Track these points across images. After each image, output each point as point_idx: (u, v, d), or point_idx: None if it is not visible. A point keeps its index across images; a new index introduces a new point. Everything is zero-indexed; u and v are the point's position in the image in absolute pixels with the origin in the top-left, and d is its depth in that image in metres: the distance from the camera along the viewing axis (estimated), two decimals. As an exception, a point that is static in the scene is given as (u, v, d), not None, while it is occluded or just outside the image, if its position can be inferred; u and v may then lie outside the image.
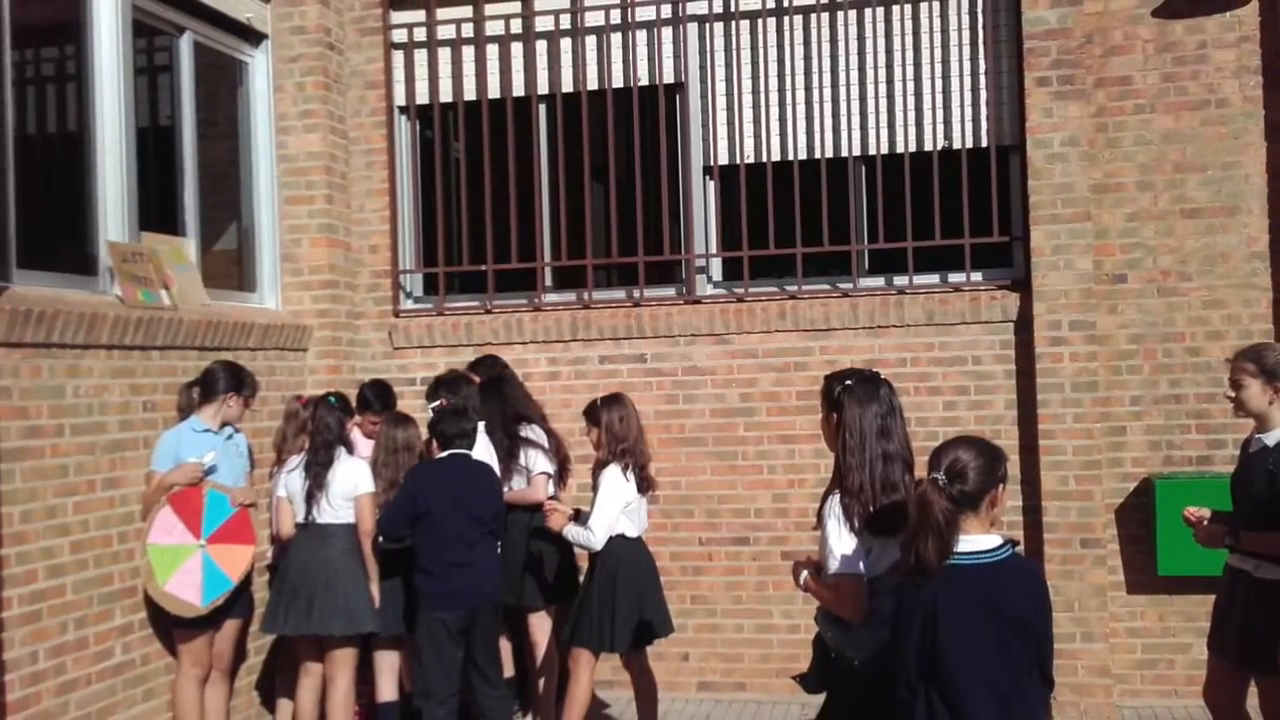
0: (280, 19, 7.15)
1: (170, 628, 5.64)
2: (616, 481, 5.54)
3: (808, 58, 7.12)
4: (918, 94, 7.01)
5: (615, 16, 7.32)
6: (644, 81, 7.33)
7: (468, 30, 7.52)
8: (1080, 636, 6.47)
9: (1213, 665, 4.76)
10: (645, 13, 7.30)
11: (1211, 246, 6.65)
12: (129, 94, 5.89)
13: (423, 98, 7.60)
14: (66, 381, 5.20)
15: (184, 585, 5.49)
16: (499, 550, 5.77)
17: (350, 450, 5.97)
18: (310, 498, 5.76)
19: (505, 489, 5.97)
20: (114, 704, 5.42)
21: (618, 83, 7.33)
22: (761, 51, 7.16)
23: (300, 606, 5.71)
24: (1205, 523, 4.61)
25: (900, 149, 7.01)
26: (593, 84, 7.38)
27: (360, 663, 5.94)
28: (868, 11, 7.04)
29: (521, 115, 7.48)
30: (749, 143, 7.20)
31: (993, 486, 3.25)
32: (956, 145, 6.96)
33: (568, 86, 7.40)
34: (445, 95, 7.58)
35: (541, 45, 7.45)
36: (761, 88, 7.15)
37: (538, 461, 6.22)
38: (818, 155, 7.10)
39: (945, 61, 6.97)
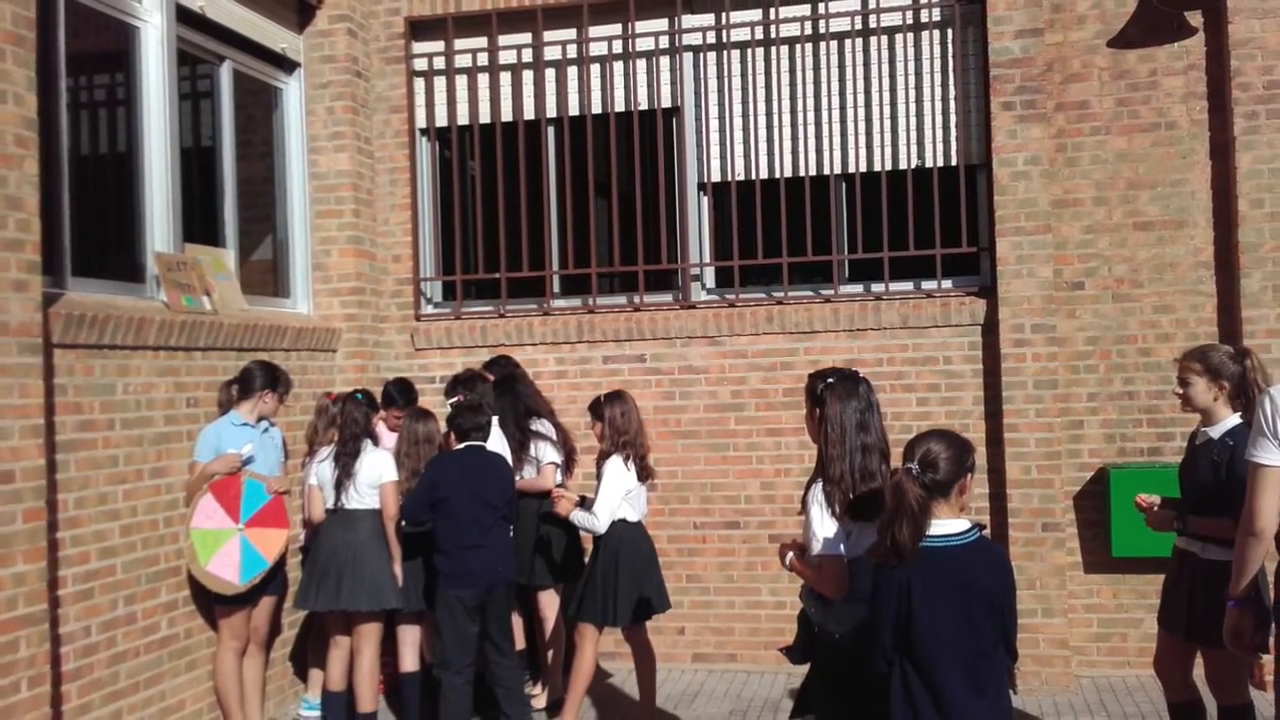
0: (312, 49, 7.17)
1: (211, 604, 5.65)
2: (618, 471, 5.55)
3: (793, 84, 7.13)
4: (893, 117, 7.01)
5: (617, 46, 7.32)
6: (644, 106, 7.33)
7: (483, 59, 7.52)
8: (1041, 612, 6.47)
9: (1162, 638, 4.75)
10: (645, 43, 7.30)
11: (1161, 256, 6.66)
12: (174, 117, 5.89)
13: (442, 121, 7.60)
14: (117, 380, 5.20)
15: (224, 565, 5.49)
16: (511, 533, 5.77)
17: (376, 442, 5.97)
18: (339, 486, 5.76)
19: (517, 478, 5.98)
20: (160, 674, 5.43)
21: (619, 107, 7.33)
22: (751, 78, 7.16)
23: (330, 585, 5.71)
24: (1156, 508, 4.61)
25: (878, 167, 7.02)
26: (597, 108, 7.38)
27: (384, 636, 5.94)
28: (848, 42, 7.05)
29: (532, 136, 7.48)
30: (739, 161, 7.20)
31: (962, 475, 3.26)
32: (929, 164, 6.96)
33: (574, 110, 7.40)
34: (462, 118, 7.58)
35: (550, 72, 7.45)
36: (751, 111, 7.15)
37: (547, 452, 6.23)
38: (802, 173, 7.10)
39: (919, 87, 6.97)
